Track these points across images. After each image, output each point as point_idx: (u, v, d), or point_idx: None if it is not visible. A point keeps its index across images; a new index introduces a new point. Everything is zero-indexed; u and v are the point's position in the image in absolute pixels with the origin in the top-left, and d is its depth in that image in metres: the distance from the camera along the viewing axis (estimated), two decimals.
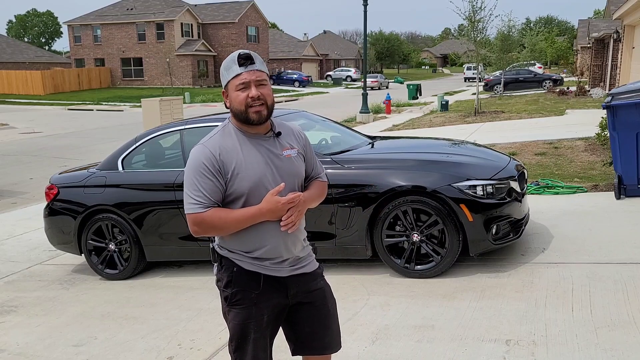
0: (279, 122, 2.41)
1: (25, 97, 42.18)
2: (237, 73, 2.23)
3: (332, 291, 2.52)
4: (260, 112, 2.23)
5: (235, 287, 2.31)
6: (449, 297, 4.24)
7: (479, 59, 19.58)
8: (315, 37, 79.87)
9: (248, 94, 2.21)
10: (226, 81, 2.27)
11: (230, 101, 2.26)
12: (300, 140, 2.43)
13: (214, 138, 2.29)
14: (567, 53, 47.95)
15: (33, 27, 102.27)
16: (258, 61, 2.26)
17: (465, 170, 4.78)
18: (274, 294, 2.32)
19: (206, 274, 5.44)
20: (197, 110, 26.67)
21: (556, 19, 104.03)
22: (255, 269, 2.31)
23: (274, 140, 2.33)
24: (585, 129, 11.44)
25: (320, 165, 2.54)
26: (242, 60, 2.23)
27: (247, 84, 2.22)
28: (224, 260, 2.34)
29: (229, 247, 2.33)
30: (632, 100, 6.34)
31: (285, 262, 2.34)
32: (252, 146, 2.28)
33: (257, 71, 2.24)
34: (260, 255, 2.29)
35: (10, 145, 17.58)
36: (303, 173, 2.40)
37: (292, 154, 2.35)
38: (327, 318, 2.44)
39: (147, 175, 5.50)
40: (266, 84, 2.27)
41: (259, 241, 2.28)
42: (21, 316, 4.77)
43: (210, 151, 2.23)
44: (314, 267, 2.46)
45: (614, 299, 3.91)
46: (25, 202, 9.47)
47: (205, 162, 2.21)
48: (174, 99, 19.78)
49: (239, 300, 2.31)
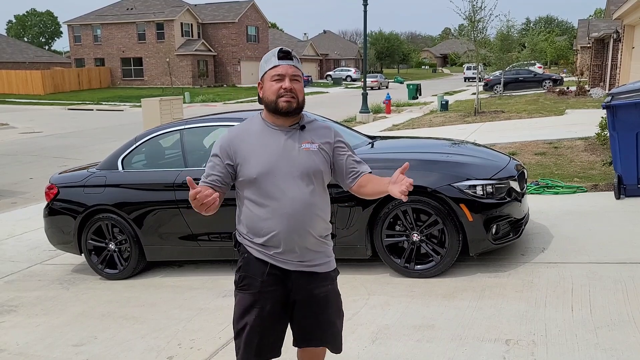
0: (311, 120, 2.51)
1: (25, 97, 42.17)
2: (275, 64, 2.36)
3: (339, 298, 2.54)
4: (290, 102, 2.34)
5: (243, 272, 2.44)
6: (449, 296, 4.24)
7: (478, 59, 19.57)
8: (315, 37, 79.86)
9: (281, 85, 2.34)
10: (263, 72, 2.40)
11: (264, 91, 2.39)
12: (327, 138, 2.47)
13: (239, 125, 2.48)
14: (567, 53, 47.97)
15: (33, 27, 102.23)
16: (296, 59, 2.41)
17: (465, 170, 4.78)
18: (278, 285, 2.40)
19: (206, 273, 5.44)
20: (197, 110, 26.67)
21: (556, 19, 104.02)
22: (263, 257, 2.40)
23: (297, 132, 2.42)
24: (585, 129, 11.43)
25: (363, 164, 2.55)
26: (282, 54, 2.37)
27: (283, 76, 2.35)
28: (240, 246, 2.48)
29: (242, 233, 2.46)
30: (632, 100, 6.34)
31: (291, 254, 2.38)
32: (271, 136, 2.39)
33: (294, 67, 2.38)
34: (264, 242, 2.38)
35: (10, 145, 17.58)
36: (323, 167, 2.43)
37: (312, 147, 2.41)
38: (325, 324, 2.49)
39: (147, 175, 5.50)
40: (300, 81, 2.39)
41: (265, 227, 2.37)
42: (21, 316, 4.77)
43: (228, 136, 2.43)
44: (327, 269, 2.48)
45: (613, 298, 3.91)
46: (25, 202, 9.47)
47: (221, 145, 2.41)
48: (174, 99, 19.77)
49: (245, 286, 2.42)
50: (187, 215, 5.20)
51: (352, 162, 2.50)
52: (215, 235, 5.22)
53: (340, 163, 2.48)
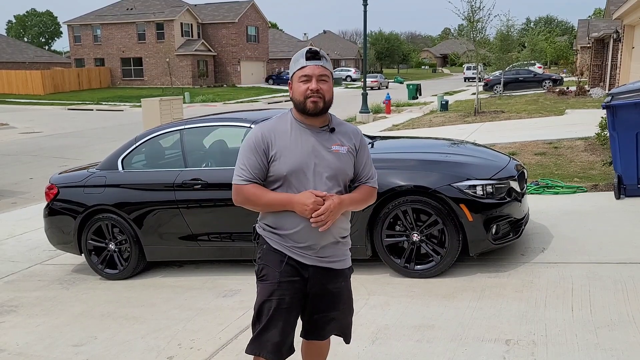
0: (340, 122, 2.53)
1: (25, 97, 42.16)
2: (302, 65, 2.38)
3: (351, 295, 2.65)
4: (316, 103, 2.36)
5: (262, 263, 2.48)
6: (449, 296, 4.24)
7: (478, 59, 19.57)
8: (315, 37, 79.94)
9: (309, 87, 2.35)
10: (292, 72, 2.42)
11: (293, 91, 2.42)
12: (354, 140, 2.52)
13: (270, 121, 2.47)
14: (567, 53, 47.97)
15: (33, 27, 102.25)
16: (324, 59, 2.41)
17: (465, 170, 4.78)
18: (295, 277, 2.44)
19: (206, 273, 5.44)
20: (197, 110, 26.66)
21: (556, 19, 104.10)
22: (281, 248, 2.45)
23: (327, 134, 2.45)
24: (585, 129, 11.43)
25: (374, 171, 2.61)
26: (310, 55, 2.38)
27: (310, 77, 2.36)
28: (260, 238, 2.52)
29: (264, 225, 2.49)
30: (631, 100, 6.34)
31: (310, 250, 2.44)
32: (302, 134, 2.42)
33: (322, 67, 2.38)
34: (287, 235, 2.43)
35: (10, 145, 17.58)
36: (349, 171, 2.49)
37: (341, 150, 2.45)
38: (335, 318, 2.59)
39: (147, 175, 5.49)
40: (328, 81, 2.40)
41: (290, 222, 2.41)
42: (21, 316, 4.77)
43: (261, 132, 2.41)
44: (343, 266, 2.58)
45: (613, 298, 3.91)
46: (25, 202, 9.46)
47: (255, 141, 2.40)
48: (173, 99, 19.76)
49: (265, 276, 2.46)
50: (187, 215, 5.20)
51: (368, 169, 2.57)
52: (215, 236, 5.22)
53: (358, 167, 2.54)
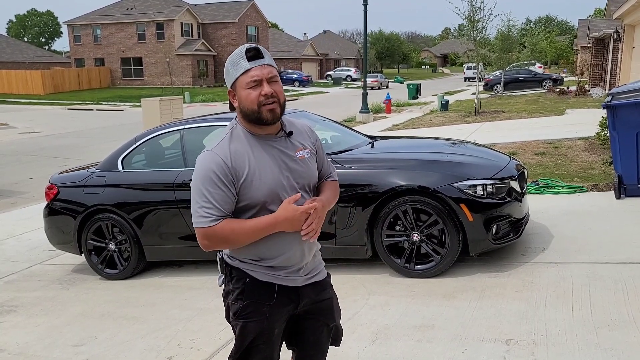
0: (289, 120, 2.24)
1: (25, 97, 42.16)
2: (246, 69, 2.04)
3: (338, 301, 2.43)
4: (274, 111, 2.06)
5: (247, 299, 2.13)
6: (449, 296, 4.24)
7: (478, 59, 19.57)
8: (315, 36, 79.83)
9: (260, 92, 2.03)
10: (234, 78, 2.08)
11: (240, 100, 2.08)
12: (311, 138, 2.28)
13: (223, 143, 2.08)
14: (567, 53, 47.98)
15: (33, 27, 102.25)
16: (267, 55, 2.09)
17: (465, 170, 4.78)
18: (286, 306, 2.18)
19: (206, 274, 5.44)
20: (197, 110, 26.66)
21: (556, 18, 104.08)
22: (269, 279, 2.14)
23: (285, 140, 2.16)
24: (585, 129, 11.43)
25: (331, 164, 2.40)
26: (251, 54, 2.05)
27: (259, 80, 2.03)
28: (235, 270, 2.15)
29: (241, 257, 2.14)
30: (632, 100, 6.34)
31: (300, 270, 2.19)
32: (264, 149, 2.10)
33: (268, 66, 2.06)
34: (275, 264, 2.13)
35: (10, 145, 17.58)
36: (316, 174, 2.25)
37: (306, 154, 2.19)
38: (333, 329, 2.39)
39: (147, 175, 5.49)
40: (277, 81, 2.09)
41: (275, 249, 2.11)
42: (21, 316, 4.77)
43: (220, 158, 2.03)
44: (324, 276, 2.34)
45: (614, 298, 3.91)
46: (25, 202, 9.47)
47: (216, 170, 2.01)
48: (173, 99, 19.77)
49: (250, 314, 2.13)
50: (187, 215, 5.20)
51: (327, 165, 2.37)
52: None
53: (320, 166, 2.32)
